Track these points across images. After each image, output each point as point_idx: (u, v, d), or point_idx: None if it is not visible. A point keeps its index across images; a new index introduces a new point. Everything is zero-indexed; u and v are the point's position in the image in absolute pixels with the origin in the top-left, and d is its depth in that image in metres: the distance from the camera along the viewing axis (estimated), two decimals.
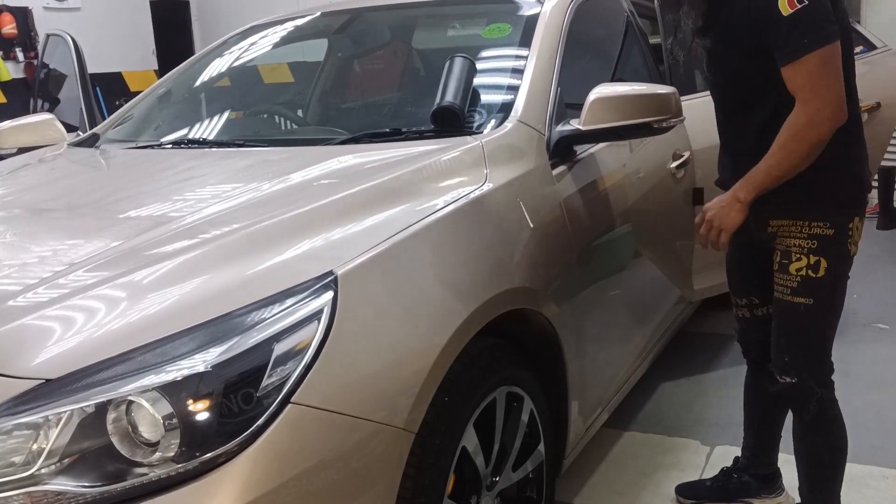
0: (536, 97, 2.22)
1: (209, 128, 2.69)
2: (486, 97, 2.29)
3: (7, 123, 2.91)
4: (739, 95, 2.01)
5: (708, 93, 2.17)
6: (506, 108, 2.20)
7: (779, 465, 2.41)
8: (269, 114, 2.93)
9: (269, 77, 3.18)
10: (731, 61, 1.98)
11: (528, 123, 2.15)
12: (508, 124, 2.13)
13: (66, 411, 1.23)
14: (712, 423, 2.93)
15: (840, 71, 1.82)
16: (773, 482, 2.39)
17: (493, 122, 2.17)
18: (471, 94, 2.21)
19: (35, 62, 6.38)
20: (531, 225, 1.95)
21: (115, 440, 1.25)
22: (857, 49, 3.69)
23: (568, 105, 2.27)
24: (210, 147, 2.48)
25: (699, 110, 2.26)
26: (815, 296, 1.98)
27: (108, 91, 6.55)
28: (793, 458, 2.16)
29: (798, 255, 1.99)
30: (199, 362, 1.28)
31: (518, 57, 2.38)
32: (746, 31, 1.88)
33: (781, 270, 2.04)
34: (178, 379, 1.26)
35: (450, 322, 1.58)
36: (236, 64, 3.03)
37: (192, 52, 7.06)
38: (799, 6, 1.75)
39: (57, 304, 1.40)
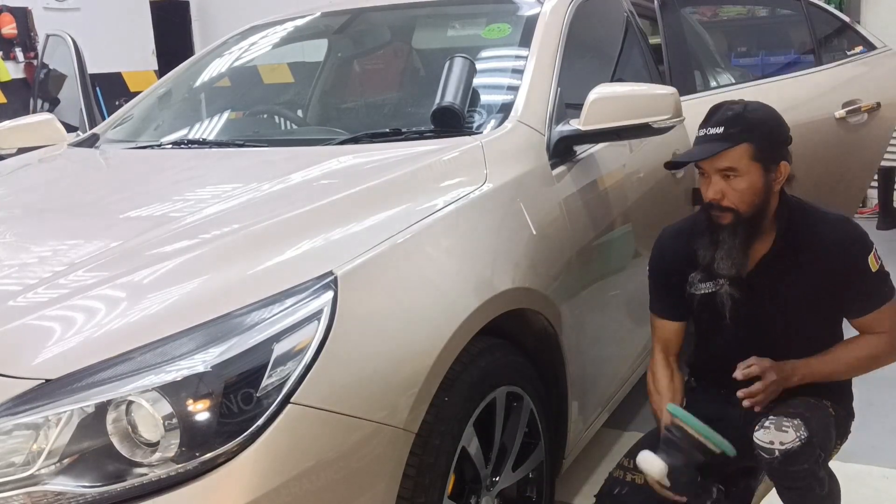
0: (536, 97, 2.22)
1: (209, 128, 2.69)
2: (485, 97, 2.29)
3: (7, 123, 2.90)
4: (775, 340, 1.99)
5: (707, 93, 2.17)
6: (505, 109, 2.20)
7: None
8: (269, 114, 2.93)
9: (269, 77, 3.17)
10: (781, 314, 1.98)
11: (527, 124, 2.15)
12: (508, 124, 2.13)
13: (66, 411, 1.23)
14: None
15: None
16: None
17: (492, 122, 2.17)
18: (471, 94, 2.21)
19: (35, 62, 6.37)
20: (531, 225, 1.95)
21: (115, 440, 1.25)
22: (857, 49, 3.70)
23: (568, 105, 2.27)
24: (210, 147, 2.48)
25: (699, 110, 2.25)
26: None
27: (108, 91, 6.54)
28: None
29: None
30: (199, 362, 1.28)
31: (518, 57, 2.38)
32: (817, 287, 1.93)
33: None
34: (178, 379, 1.26)
35: (450, 322, 1.58)
36: (236, 64, 3.03)
37: (192, 52, 7.06)
38: (879, 261, 1.95)
39: (57, 304, 1.40)
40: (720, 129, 1.89)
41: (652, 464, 1.83)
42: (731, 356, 1.95)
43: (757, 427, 1.81)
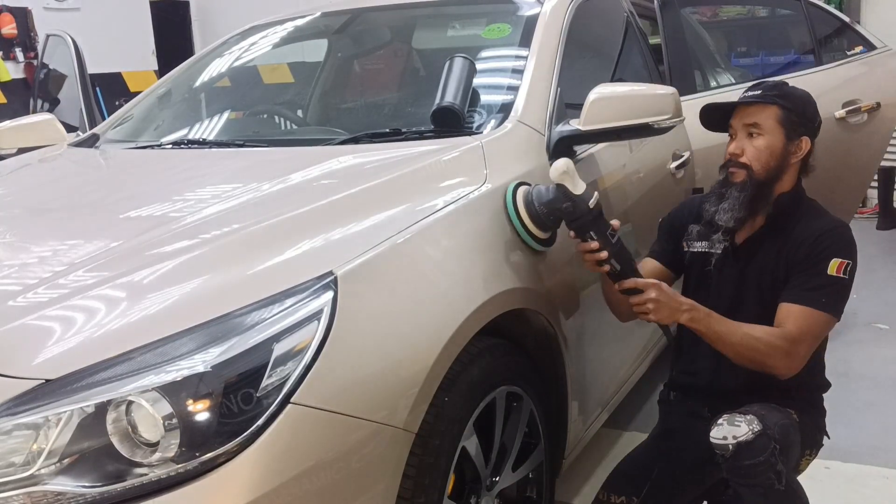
0: (536, 97, 2.22)
1: (209, 128, 2.69)
2: (485, 97, 2.29)
3: (7, 123, 2.91)
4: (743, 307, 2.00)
5: (707, 93, 2.18)
6: (505, 109, 2.20)
7: None
8: (269, 114, 2.93)
9: (269, 77, 3.17)
10: (756, 282, 2.00)
11: (527, 124, 2.15)
12: (508, 124, 2.13)
13: (66, 411, 1.23)
14: None
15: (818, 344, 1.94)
16: None
17: (492, 122, 2.17)
18: (471, 94, 2.21)
19: (35, 62, 6.37)
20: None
21: (114, 440, 1.25)
22: (857, 49, 3.70)
23: (568, 105, 2.27)
24: (210, 147, 2.48)
25: (699, 111, 2.26)
26: None
27: (108, 91, 6.54)
28: None
29: None
30: (199, 362, 1.28)
31: (518, 57, 2.38)
32: (784, 270, 1.95)
33: None
34: (178, 379, 1.26)
35: (450, 322, 1.58)
36: (236, 64, 3.03)
37: (192, 52, 7.06)
38: (843, 276, 1.89)
39: (57, 304, 1.40)
40: (758, 91, 2.00)
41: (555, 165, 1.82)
42: (706, 346, 1.95)
43: (711, 427, 1.79)
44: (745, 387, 1.97)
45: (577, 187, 1.82)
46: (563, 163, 1.81)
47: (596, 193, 1.84)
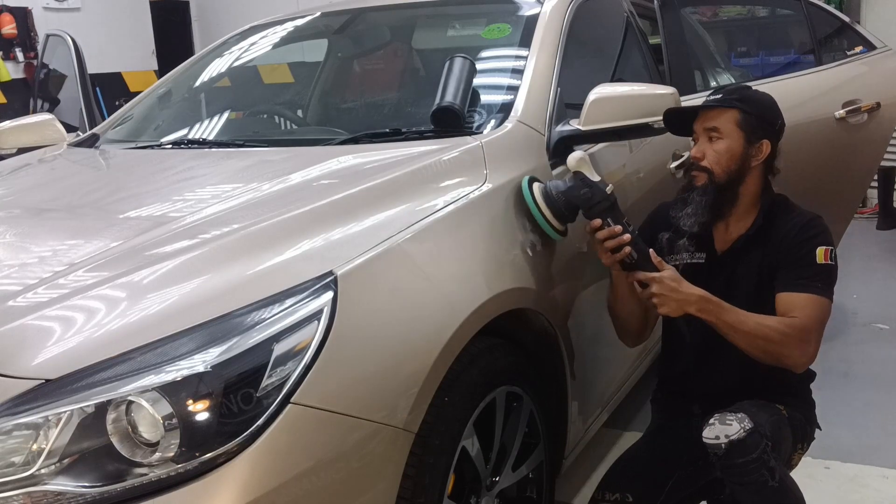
0: (536, 97, 2.22)
1: (209, 128, 2.69)
2: (485, 97, 2.29)
3: (7, 123, 2.90)
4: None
5: (707, 93, 2.17)
6: (505, 109, 2.20)
7: None
8: (269, 114, 2.93)
9: (269, 77, 3.18)
10: (740, 284, 2.00)
11: (527, 124, 2.15)
12: (508, 124, 2.13)
13: (66, 411, 1.23)
14: None
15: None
16: None
17: (492, 122, 2.17)
18: (471, 94, 2.21)
19: (35, 62, 6.38)
20: (530, 225, 1.95)
21: (114, 440, 1.25)
22: (857, 49, 3.70)
23: (568, 105, 2.27)
24: (210, 147, 2.48)
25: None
26: None
27: (108, 91, 6.54)
28: None
29: None
30: (199, 362, 1.28)
31: (518, 57, 2.38)
32: (769, 270, 1.96)
33: None
34: (178, 379, 1.26)
35: (450, 322, 1.58)
36: (236, 64, 3.03)
37: (192, 52, 7.06)
38: (830, 262, 1.93)
39: (57, 304, 1.40)
40: (719, 95, 2.03)
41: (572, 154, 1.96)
42: (690, 345, 1.96)
43: (703, 427, 1.79)
44: (726, 388, 1.97)
45: (594, 176, 1.92)
46: (579, 152, 1.96)
47: (611, 185, 1.92)
